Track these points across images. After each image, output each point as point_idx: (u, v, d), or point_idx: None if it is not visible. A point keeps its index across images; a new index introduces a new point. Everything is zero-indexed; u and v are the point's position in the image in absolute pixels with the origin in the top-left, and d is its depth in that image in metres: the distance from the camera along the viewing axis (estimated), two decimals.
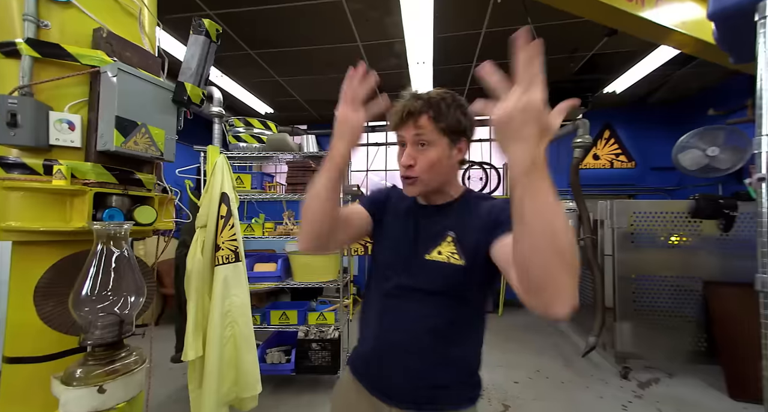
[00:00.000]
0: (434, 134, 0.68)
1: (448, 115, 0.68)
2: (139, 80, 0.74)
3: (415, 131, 0.68)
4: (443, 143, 0.69)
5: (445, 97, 0.69)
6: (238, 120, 2.37)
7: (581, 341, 3.21)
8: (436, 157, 0.69)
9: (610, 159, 4.53)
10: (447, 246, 0.70)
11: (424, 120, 0.67)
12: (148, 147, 0.76)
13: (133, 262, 0.59)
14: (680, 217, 2.62)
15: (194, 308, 1.09)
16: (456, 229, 0.71)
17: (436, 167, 0.70)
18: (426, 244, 0.72)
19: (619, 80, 3.59)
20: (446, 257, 0.69)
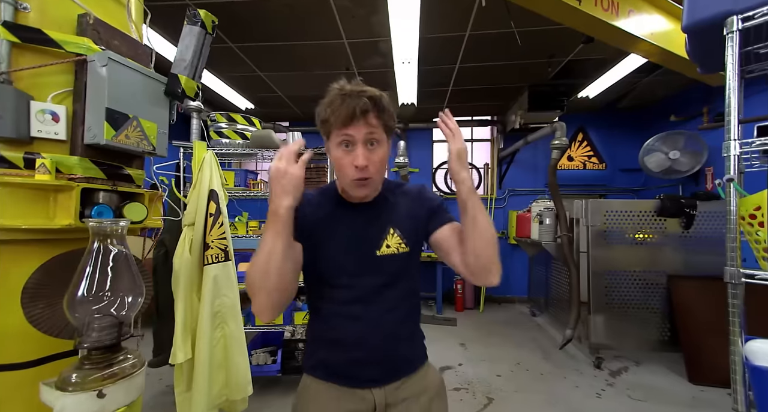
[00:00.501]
0: (381, 133, 0.70)
1: (387, 113, 0.70)
2: (130, 71, 0.71)
3: (367, 130, 0.67)
4: (385, 142, 0.72)
5: (382, 95, 0.70)
6: (220, 115, 2.30)
7: (557, 334, 3.37)
8: (385, 156, 0.72)
9: (583, 161, 4.76)
10: (392, 238, 0.75)
11: (373, 119, 0.68)
12: (140, 141, 0.72)
13: (131, 260, 0.57)
14: (648, 215, 2.81)
15: (182, 309, 1.05)
16: (393, 221, 0.77)
17: (383, 165, 0.73)
18: (373, 242, 0.74)
19: (591, 86, 3.77)
20: (395, 248, 0.75)
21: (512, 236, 4.45)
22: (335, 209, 0.78)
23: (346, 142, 0.68)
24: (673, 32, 2.30)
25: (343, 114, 0.66)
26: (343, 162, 0.70)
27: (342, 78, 0.71)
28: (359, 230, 0.76)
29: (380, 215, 0.77)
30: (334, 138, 0.70)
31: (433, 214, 0.78)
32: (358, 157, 0.67)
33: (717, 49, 0.90)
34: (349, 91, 0.68)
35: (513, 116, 4.22)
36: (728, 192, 0.79)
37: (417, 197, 0.80)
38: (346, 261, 0.74)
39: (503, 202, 4.75)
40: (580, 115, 4.55)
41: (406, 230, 0.77)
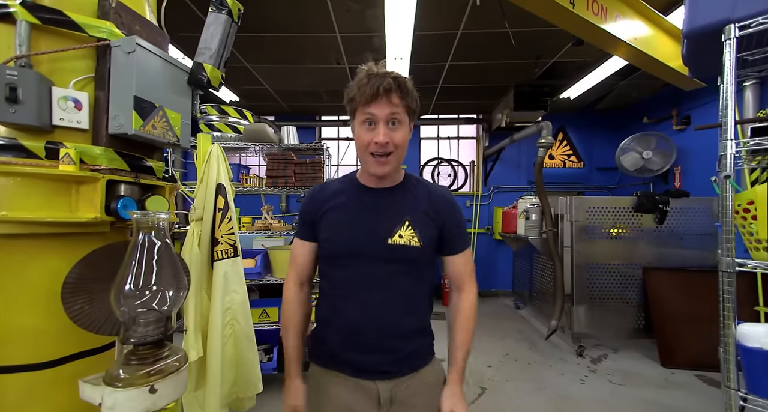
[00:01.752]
0: (403, 113, 0.72)
1: (411, 95, 0.73)
2: (156, 58, 0.67)
3: (389, 109, 0.70)
4: (407, 122, 0.74)
5: (407, 78, 0.73)
6: (211, 107, 2.21)
7: (541, 325, 3.52)
8: (406, 136, 0.74)
9: (563, 159, 4.97)
10: (406, 230, 0.75)
11: (396, 98, 0.70)
12: (166, 131, 0.70)
13: (173, 254, 0.55)
14: (625, 211, 2.99)
15: (193, 307, 1.02)
16: (410, 212, 0.77)
17: (405, 146, 0.75)
18: (386, 229, 0.75)
19: (573, 87, 3.94)
20: (407, 240, 0.75)
21: (497, 231, 4.58)
22: (354, 194, 0.80)
23: (369, 120, 0.71)
24: (653, 38, 2.45)
25: (367, 92, 0.69)
26: (364, 138, 0.72)
27: (370, 60, 0.76)
28: (374, 215, 0.77)
29: (397, 203, 0.78)
30: (358, 116, 0.73)
31: (451, 235, 0.80)
32: (379, 134, 0.70)
33: (711, 55, 0.98)
34: (375, 72, 0.71)
35: (499, 115, 4.34)
36: (724, 188, 0.86)
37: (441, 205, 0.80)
38: (357, 243, 0.76)
39: (488, 198, 4.89)
40: (560, 115, 4.74)
41: (424, 227, 0.77)
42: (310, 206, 0.82)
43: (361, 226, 0.77)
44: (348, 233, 0.77)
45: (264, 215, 2.37)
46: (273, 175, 2.24)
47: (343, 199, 0.79)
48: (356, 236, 0.76)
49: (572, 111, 4.75)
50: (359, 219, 0.77)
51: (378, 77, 0.69)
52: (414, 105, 0.74)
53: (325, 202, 0.80)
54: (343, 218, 0.78)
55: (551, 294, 3.30)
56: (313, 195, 0.83)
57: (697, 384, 2.41)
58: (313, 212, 0.80)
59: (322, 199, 0.81)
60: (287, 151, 2.37)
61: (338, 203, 0.79)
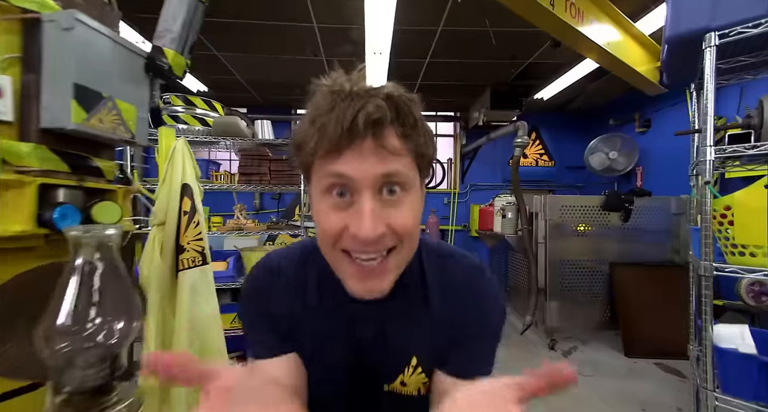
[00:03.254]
0: (410, 167, 0.38)
1: (420, 132, 0.39)
2: (105, 39, 0.56)
3: (382, 164, 0.35)
4: (417, 185, 0.40)
5: (412, 98, 0.39)
6: (176, 97, 2.03)
7: (516, 320, 3.63)
8: (418, 212, 0.40)
9: (536, 158, 5.14)
10: (414, 374, 0.47)
11: (393, 139, 0.36)
12: (117, 126, 0.59)
13: (123, 277, 0.46)
14: (594, 209, 3.12)
15: (155, 324, 0.90)
16: (420, 343, 0.47)
17: (416, 234, 0.41)
18: (384, 372, 0.48)
19: (546, 88, 4.05)
20: (414, 388, 0.47)
21: (474, 228, 4.66)
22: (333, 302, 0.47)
23: (339, 186, 0.37)
24: (623, 43, 2.55)
25: (333, 128, 0.34)
26: (331, 224, 0.37)
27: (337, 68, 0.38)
28: (364, 349, 0.47)
29: (403, 324, 0.47)
30: (316, 177, 0.38)
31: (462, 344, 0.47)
32: (362, 220, 0.35)
33: (690, 61, 1.00)
34: (349, 90, 0.36)
35: (476, 113, 4.38)
36: (703, 194, 0.89)
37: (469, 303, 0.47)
38: (336, 391, 0.49)
39: (465, 196, 4.95)
40: (534, 116, 4.88)
41: (434, 360, 0.47)
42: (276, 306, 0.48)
43: (342, 365, 0.48)
44: (321, 374, 0.48)
45: (236, 214, 2.23)
46: (246, 173, 2.10)
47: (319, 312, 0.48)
48: (335, 380, 0.49)
49: (545, 111, 4.90)
50: (338, 353, 0.48)
51: (355, 99, 0.35)
52: (428, 147, 0.41)
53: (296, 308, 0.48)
54: (321, 344, 0.48)
55: (525, 289, 3.40)
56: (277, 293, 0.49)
57: (657, 372, 2.57)
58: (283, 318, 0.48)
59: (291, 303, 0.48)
60: (262, 146, 2.23)
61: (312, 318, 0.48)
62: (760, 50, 0.94)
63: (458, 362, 0.45)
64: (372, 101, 0.35)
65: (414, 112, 0.39)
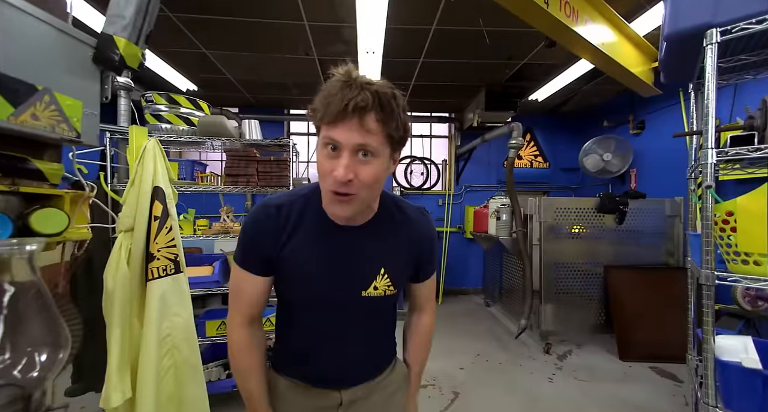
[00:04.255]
0: (381, 143, 0.55)
1: (396, 119, 0.54)
2: (39, 23, 0.50)
3: (360, 138, 0.52)
4: (385, 154, 0.57)
5: (395, 95, 0.55)
6: (159, 96, 1.95)
7: (511, 323, 3.59)
8: (378, 173, 0.56)
9: (530, 160, 5.11)
10: (382, 280, 0.67)
11: (372, 122, 0.52)
12: (56, 123, 0.52)
13: (45, 299, 0.39)
14: (589, 212, 3.09)
15: (119, 339, 0.83)
16: (386, 258, 0.68)
17: (377, 184, 0.58)
18: (360, 280, 0.66)
19: (541, 90, 4.02)
20: (382, 291, 0.68)
21: (468, 230, 4.62)
22: (319, 230, 0.64)
23: (332, 144, 0.54)
24: (617, 43, 2.52)
25: (334, 108, 0.51)
26: (323, 168, 0.56)
27: (348, 63, 0.55)
28: (346, 266, 0.65)
29: (373, 247, 0.67)
30: (321, 135, 0.56)
31: (423, 264, 0.75)
32: (339, 166, 0.53)
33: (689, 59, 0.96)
34: (353, 80, 0.52)
35: (471, 114, 4.34)
36: (705, 198, 0.84)
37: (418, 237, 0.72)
38: (325, 296, 0.66)
39: (460, 197, 4.91)
40: (529, 117, 4.85)
41: (401, 272, 0.71)
42: (264, 234, 0.64)
43: (330, 277, 0.65)
44: (314, 285, 0.65)
45: (223, 217, 2.15)
46: (233, 174, 2.02)
47: (306, 237, 0.64)
48: (327, 287, 0.65)
49: (540, 113, 4.88)
50: (328, 268, 0.65)
51: (352, 88, 0.51)
52: (398, 133, 0.56)
53: (284, 234, 0.63)
54: (309, 265, 0.64)
55: (519, 291, 3.36)
56: (264, 220, 0.64)
57: (651, 376, 2.54)
58: (269, 244, 0.63)
59: (278, 228, 0.63)
60: (249, 147, 2.16)
61: (301, 242, 0.64)
62: (762, 48, 0.89)
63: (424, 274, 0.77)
64: (362, 94, 0.51)
65: (392, 105, 0.54)
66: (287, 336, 0.74)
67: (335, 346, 0.70)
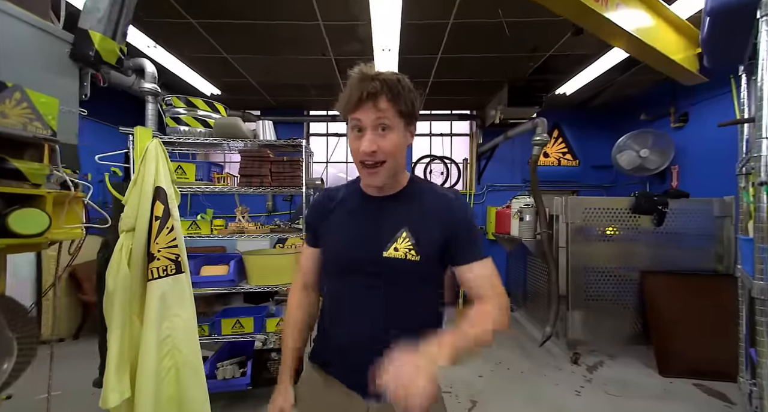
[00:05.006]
0: (394, 118, 0.67)
1: (403, 98, 0.67)
2: (12, 20, 0.49)
3: (376, 115, 0.66)
4: (400, 127, 0.69)
5: (399, 79, 0.68)
6: (177, 99, 2.01)
7: (535, 330, 3.40)
8: (397, 141, 0.69)
9: (558, 157, 4.84)
10: (403, 242, 0.71)
11: (383, 102, 0.66)
12: (28, 122, 0.51)
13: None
14: (622, 212, 2.86)
15: (118, 339, 0.84)
16: (409, 223, 0.72)
17: (398, 152, 0.70)
18: (381, 241, 0.72)
19: (569, 82, 3.79)
20: (403, 253, 0.71)
21: (491, 231, 4.44)
22: (355, 203, 0.78)
23: (357, 126, 0.68)
24: (655, 28, 2.30)
25: (353, 98, 0.66)
26: (354, 146, 0.70)
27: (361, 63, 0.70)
28: (371, 226, 0.74)
29: (397, 212, 0.74)
30: (349, 122, 0.70)
31: (461, 242, 0.73)
32: (364, 142, 0.67)
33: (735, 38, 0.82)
34: (365, 75, 0.67)
35: (492, 111, 4.18)
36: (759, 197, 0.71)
37: (447, 210, 0.74)
38: (351, 255, 0.74)
39: (482, 197, 4.74)
40: (556, 112, 4.60)
41: (422, 238, 0.72)
42: (313, 213, 0.83)
43: (356, 237, 0.75)
44: (343, 244, 0.76)
45: (238, 217, 2.19)
46: (247, 174, 2.05)
47: (344, 208, 0.79)
48: (350, 248, 0.75)
49: (568, 107, 4.61)
50: (355, 230, 0.75)
51: (364, 81, 0.66)
52: (407, 107, 0.68)
53: (328, 210, 0.80)
54: (341, 228, 0.77)
55: (545, 296, 3.17)
56: (317, 202, 0.84)
57: (696, 394, 2.30)
58: (316, 219, 0.82)
59: (325, 207, 0.81)
60: (263, 148, 2.18)
61: (339, 212, 0.79)
62: None
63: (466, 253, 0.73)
64: (373, 83, 0.65)
65: (398, 87, 0.67)
66: (324, 313, 0.80)
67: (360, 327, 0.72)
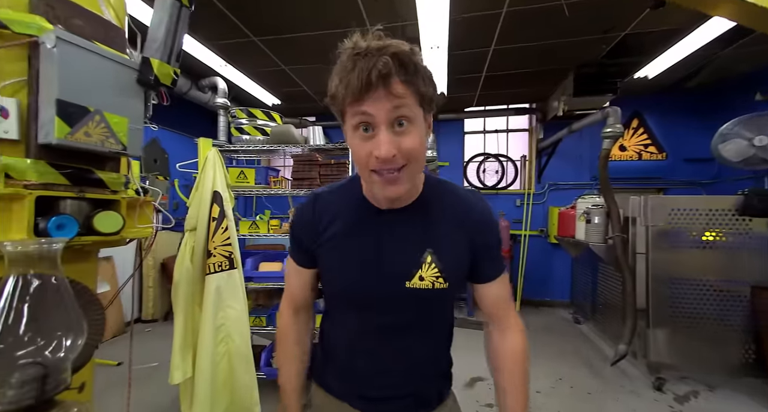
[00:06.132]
0: (414, 106, 0.49)
1: (421, 75, 0.49)
2: (90, 54, 0.59)
3: (391, 104, 0.47)
4: (421, 118, 0.52)
5: (413, 50, 0.49)
6: (240, 111, 2.23)
7: (606, 346, 3.00)
8: (421, 139, 0.52)
9: (638, 150, 4.22)
10: (429, 269, 0.57)
11: (399, 85, 0.47)
12: (105, 139, 0.61)
13: (65, 291, 0.45)
14: (725, 214, 2.36)
15: (182, 324, 0.96)
16: (432, 243, 0.58)
17: (422, 154, 0.53)
18: (403, 269, 0.57)
19: (652, 64, 3.27)
20: (430, 282, 0.57)
21: (552, 234, 4.06)
22: (357, 217, 0.60)
23: (364, 124, 0.49)
24: None
25: (355, 83, 0.46)
26: (360, 151, 0.51)
27: (356, 32, 0.50)
28: (387, 251, 0.58)
29: (418, 229, 0.58)
30: (348, 119, 0.51)
31: (488, 258, 0.61)
32: (380, 145, 0.48)
33: None
34: (365, 48, 0.47)
35: (555, 103, 3.81)
36: None
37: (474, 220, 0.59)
38: (366, 289, 0.59)
39: (542, 197, 4.36)
40: (634, 100, 4.01)
41: (452, 259, 0.58)
42: (302, 230, 0.64)
43: (367, 266, 0.59)
44: (353, 276, 0.60)
45: (291, 218, 2.34)
46: (298, 177, 2.18)
47: (345, 225, 0.60)
48: (364, 280, 0.59)
49: (651, 92, 3.99)
50: (365, 255, 0.59)
51: (369, 57, 0.46)
52: (426, 87, 0.50)
53: (320, 228, 0.61)
54: (344, 254, 0.60)
55: (618, 309, 2.78)
56: (302, 215, 0.64)
57: None
58: (307, 239, 0.63)
59: (315, 224, 0.62)
60: (313, 151, 2.30)
61: (339, 230, 0.60)
62: None
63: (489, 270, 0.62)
64: (381, 59, 0.45)
65: (415, 62, 0.49)
66: (323, 336, 0.69)
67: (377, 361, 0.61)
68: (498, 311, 0.64)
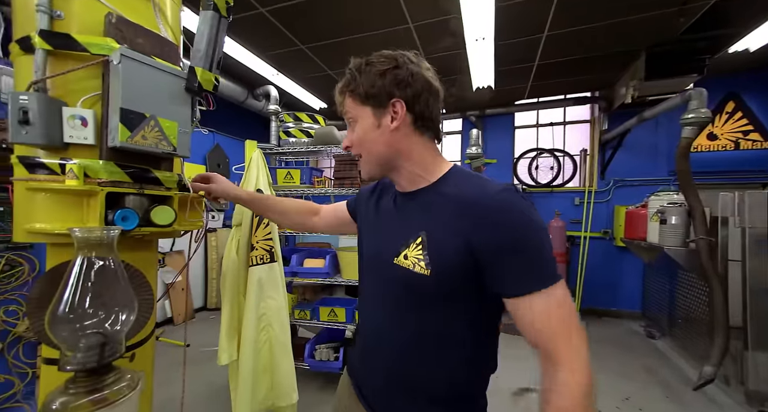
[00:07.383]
0: (356, 108, 0.64)
1: (359, 82, 0.62)
2: (147, 68, 0.67)
3: (343, 110, 0.67)
4: (366, 113, 0.63)
5: (357, 65, 0.65)
6: (287, 115, 2.37)
7: (688, 366, 2.59)
8: (361, 131, 0.64)
9: (735, 138, 3.57)
10: (414, 250, 0.59)
11: (339, 96, 0.67)
12: (159, 142, 0.69)
13: (121, 273, 0.52)
14: None
15: (228, 310, 1.05)
16: (429, 227, 0.58)
17: (366, 142, 0.64)
18: (396, 244, 0.62)
19: (752, 34, 2.74)
20: (411, 263, 0.59)
21: (619, 236, 3.62)
22: (387, 197, 0.74)
23: None
24: None
25: None
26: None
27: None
28: (392, 227, 0.67)
29: (416, 213, 0.63)
30: None
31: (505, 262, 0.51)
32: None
33: None
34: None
35: (623, 89, 3.40)
36: None
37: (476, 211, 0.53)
38: (368, 256, 0.72)
39: (607, 194, 3.91)
40: (728, 79, 3.41)
41: (441, 249, 0.55)
42: (361, 196, 0.84)
43: (376, 236, 0.71)
44: (366, 241, 0.74)
45: None
46: (340, 177, 2.25)
47: (377, 203, 0.76)
48: (371, 246, 0.72)
49: (752, 69, 3.35)
50: (377, 228, 0.72)
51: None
52: (361, 88, 0.62)
53: (364, 200, 0.80)
54: (367, 223, 0.77)
55: (703, 324, 2.38)
56: (367, 189, 0.84)
57: None
58: (358, 201, 0.84)
59: (364, 197, 0.81)
60: None
61: (371, 205, 0.77)
62: None
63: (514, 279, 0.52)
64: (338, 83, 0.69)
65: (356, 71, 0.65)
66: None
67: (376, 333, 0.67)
68: (539, 341, 0.50)
